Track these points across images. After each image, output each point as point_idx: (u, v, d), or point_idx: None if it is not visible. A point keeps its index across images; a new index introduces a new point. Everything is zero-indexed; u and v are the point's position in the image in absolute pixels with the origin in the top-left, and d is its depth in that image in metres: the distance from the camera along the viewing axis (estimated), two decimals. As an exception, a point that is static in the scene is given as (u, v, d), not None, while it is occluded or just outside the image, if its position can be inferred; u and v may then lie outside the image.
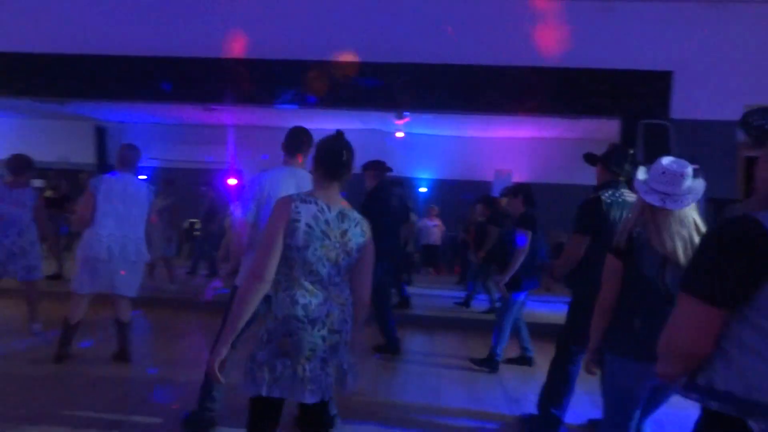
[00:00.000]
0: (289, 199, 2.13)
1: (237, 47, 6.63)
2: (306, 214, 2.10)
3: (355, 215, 2.21)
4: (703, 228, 2.24)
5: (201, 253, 9.53)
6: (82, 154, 12.50)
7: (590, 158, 3.38)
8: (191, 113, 11.37)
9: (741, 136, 6.02)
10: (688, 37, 6.15)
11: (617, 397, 2.33)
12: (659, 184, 2.26)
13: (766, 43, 6.09)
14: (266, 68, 6.63)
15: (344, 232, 2.14)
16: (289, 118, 11.56)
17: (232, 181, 11.01)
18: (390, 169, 5.76)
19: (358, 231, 2.18)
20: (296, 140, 3.16)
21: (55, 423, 3.26)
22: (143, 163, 12.38)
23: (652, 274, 2.20)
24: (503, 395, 4.24)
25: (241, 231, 3.01)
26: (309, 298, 2.10)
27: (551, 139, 12.23)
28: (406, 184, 8.44)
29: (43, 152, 11.65)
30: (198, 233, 12.16)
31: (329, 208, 2.15)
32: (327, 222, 2.12)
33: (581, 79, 6.26)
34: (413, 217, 10.88)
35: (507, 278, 4.60)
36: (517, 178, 11.99)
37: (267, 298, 2.13)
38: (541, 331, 5.38)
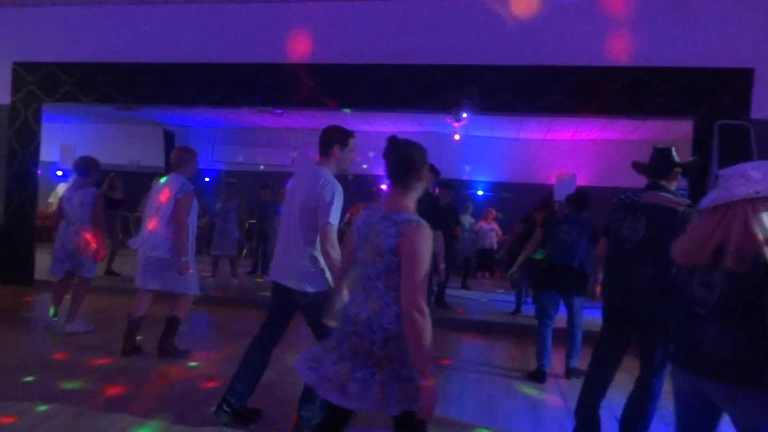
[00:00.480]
0: (362, 205, 2.27)
1: (299, 52, 6.78)
2: (360, 218, 2.18)
3: (400, 217, 2.06)
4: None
5: (258, 253, 9.78)
6: (153, 157, 13.13)
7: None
8: (253, 117, 11.72)
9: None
10: (770, 31, 5.78)
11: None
12: None
13: None
14: (326, 72, 6.73)
15: (378, 233, 2.06)
16: (348, 120, 11.77)
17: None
18: (438, 173, 5.70)
19: (392, 232, 2.02)
20: (323, 139, 3.22)
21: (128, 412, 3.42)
22: (208, 166, 12.92)
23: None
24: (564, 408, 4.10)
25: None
26: (355, 295, 2.15)
27: (616, 141, 11.80)
28: (456, 187, 8.31)
29: (115, 156, 12.38)
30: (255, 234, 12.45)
31: (377, 211, 2.15)
32: (370, 224, 2.12)
33: (650, 79, 5.99)
34: (465, 220, 10.76)
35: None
36: (581, 181, 11.62)
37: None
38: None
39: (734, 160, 5.64)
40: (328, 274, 3.03)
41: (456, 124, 10.76)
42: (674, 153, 3.25)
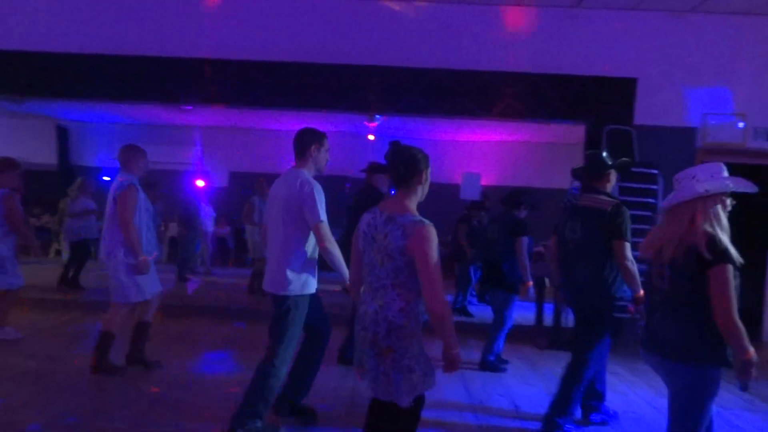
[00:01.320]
0: (366, 212, 2.35)
1: (204, 47, 6.53)
2: (364, 221, 2.32)
3: (404, 219, 2.19)
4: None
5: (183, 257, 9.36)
6: (44, 155, 12.10)
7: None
8: (157, 113, 11.14)
9: (699, 141, 6.24)
10: (651, 45, 6.33)
11: None
12: None
13: (723, 54, 6.31)
14: (234, 69, 6.53)
15: (386, 235, 2.19)
16: (258, 119, 11.53)
17: (199, 183, 10.82)
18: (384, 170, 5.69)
19: (399, 233, 2.16)
20: (299, 141, 3.26)
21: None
22: (105, 164, 12.09)
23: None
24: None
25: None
26: (365, 295, 2.30)
27: (520, 143, 12.42)
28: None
29: (2, 152, 11.30)
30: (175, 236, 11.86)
31: (381, 214, 2.26)
32: (375, 227, 2.25)
33: (548, 85, 6.37)
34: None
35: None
36: (485, 181, 12.12)
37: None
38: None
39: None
40: (312, 279, 3.15)
41: (370, 125, 10.88)
42: (605, 156, 3.58)
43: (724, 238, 2.23)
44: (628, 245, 3.35)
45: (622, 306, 3.55)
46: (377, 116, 8.87)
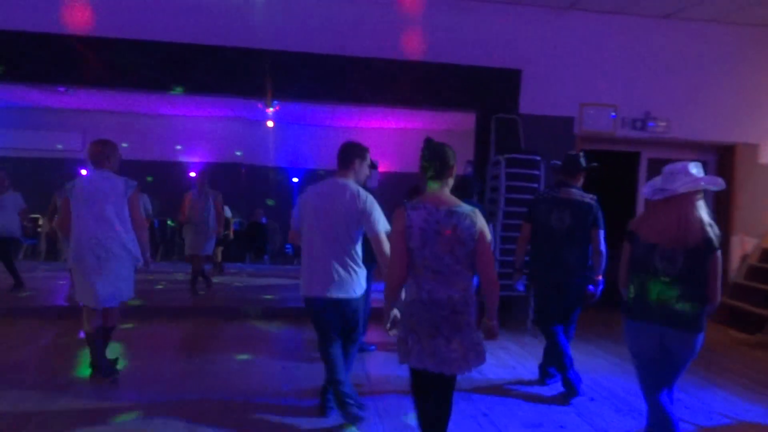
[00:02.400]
0: (403, 209, 2.50)
1: (79, 23, 6.00)
2: (417, 219, 2.46)
3: (464, 209, 2.48)
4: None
5: None
6: None
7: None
8: (31, 95, 10.14)
9: (577, 129, 6.75)
10: (534, 39, 6.70)
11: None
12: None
13: (596, 49, 6.82)
14: (115, 48, 6.07)
15: (455, 227, 2.43)
16: (148, 103, 10.85)
17: (83, 172, 10.00)
18: (376, 166, 5.60)
19: (468, 222, 2.45)
20: (344, 154, 3.54)
21: None
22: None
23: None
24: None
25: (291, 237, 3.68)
26: (432, 284, 2.46)
27: (418, 130, 12.72)
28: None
29: None
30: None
31: (437, 209, 2.46)
32: (437, 221, 2.44)
33: (441, 74, 6.55)
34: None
35: None
36: (384, 168, 12.31)
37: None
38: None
39: (507, 148, 6.44)
40: (363, 279, 3.48)
41: (268, 110, 10.62)
42: (581, 159, 4.16)
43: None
44: (604, 234, 4.02)
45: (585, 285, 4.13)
46: (274, 102, 8.67)
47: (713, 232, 2.67)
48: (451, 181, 2.57)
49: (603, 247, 4.01)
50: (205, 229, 7.39)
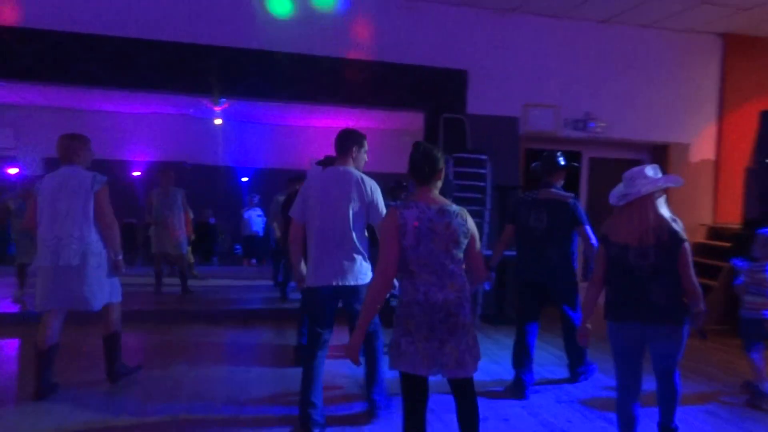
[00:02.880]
0: (395, 208, 2.51)
1: (6, 13, 5.69)
2: (410, 217, 2.47)
3: (454, 209, 2.54)
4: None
5: None
6: None
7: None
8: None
9: (521, 129, 6.92)
10: (480, 40, 6.83)
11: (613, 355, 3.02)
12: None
13: (539, 51, 7.02)
14: (45, 40, 5.78)
15: (448, 224, 2.47)
16: (86, 99, 10.38)
17: (12, 171, 9.51)
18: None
19: (459, 220, 2.51)
20: (341, 141, 3.50)
21: None
22: None
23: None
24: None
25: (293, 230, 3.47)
26: (428, 285, 2.47)
27: (370, 129, 12.71)
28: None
29: None
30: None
31: (428, 207, 2.50)
32: (430, 219, 2.47)
33: (390, 73, 6.58)
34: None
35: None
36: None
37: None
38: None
39: (454, 147, 6.53)
40: (369, 267, 3.42)
41: (215, 108, 10.38)
42: (559, 158, 4.26)
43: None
44: (590, 228, 4.08)
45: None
46: (222, 100, 8.49)
47: (678, 225, 2.81)
48: (439, 183, 2.61)
49: (594, 240, 3.96)
50: (172, 227, 7.22)
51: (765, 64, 7.55)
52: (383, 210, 3.34)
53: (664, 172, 3.06)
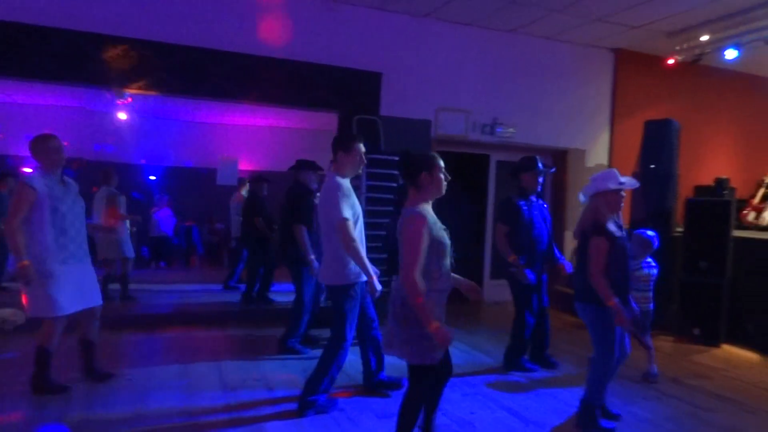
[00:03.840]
0: (419, 214, 2.68)
1: None
2: (432, 220, 2.72)
3: (405, 211, 2.77)
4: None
5: None
6: None
7: None
8: None
9: (433, 132, 7.14)
10: (395, 44, 6.98)
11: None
12: None
13: (452, 57, 7.29)
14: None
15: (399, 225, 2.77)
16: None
17: None
18: (318, 168, 5.41)
19: (400, 221, 2.77)
20: (332, 146, 3.85)
21: None
22: None
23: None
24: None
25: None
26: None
27: (288, 129, 12.58)
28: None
29: None
30: None
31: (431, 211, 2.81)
32: (436, 221, 2.76)
33: (305, 73, 6.56)
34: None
35: None
36: (246, 166, 12.03)
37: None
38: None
39: (368, 149, 6.60)
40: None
41: (120, 102, 9.82)
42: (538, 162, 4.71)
43: (605, 219, 3.37)
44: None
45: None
46: (126, 93, 8.06)
47: (598, 223, 3.36)
48: (430, 186, 2.80)
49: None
50: (121, 229, 6.90)
51: (650, 77, 8.30)
52: (341, 210, 3.58)
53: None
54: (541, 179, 4.75)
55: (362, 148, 3.81)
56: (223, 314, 6.55)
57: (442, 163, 2.81)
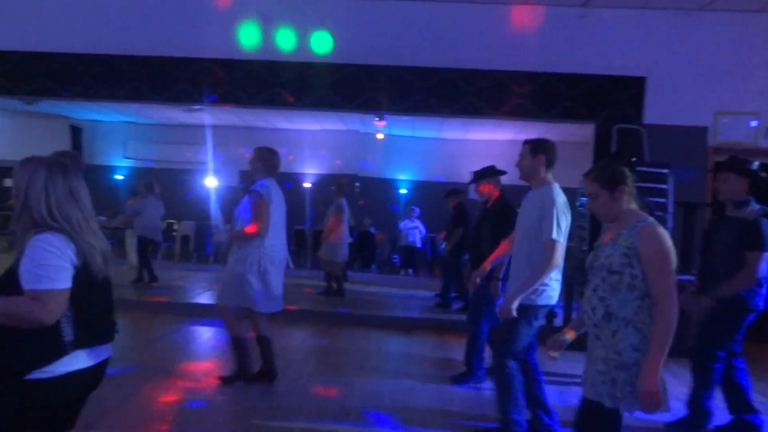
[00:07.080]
0: (656, 224, 2.25)
1: (213, 47, 6.59)
2: None
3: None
4: None
5: None
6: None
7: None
8: (168, 112, 11.25)
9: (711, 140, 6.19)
10: (661, 44, 6.28)
11: None
12: None
13: (735, 52, 6.24)
14: (242, 69, 6.60)
15: None
16: (268, 118, 11.58)
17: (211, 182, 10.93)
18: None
19: None
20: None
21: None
22: (119, 162, 12.17)
23: None
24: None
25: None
26: None
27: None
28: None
29: (14, 151, 11.43)
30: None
31: None
32: None
33: (558, 84, 6.35)
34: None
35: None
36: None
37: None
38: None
39: (629, 161, 6.03)
40: None
41: (378, 123, 10.89)
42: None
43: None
44: None
45: None
46: (385, 115, 8.90)
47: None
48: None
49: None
50: (327, 233, 7.90)
51: None
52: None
53: None
54: None
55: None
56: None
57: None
